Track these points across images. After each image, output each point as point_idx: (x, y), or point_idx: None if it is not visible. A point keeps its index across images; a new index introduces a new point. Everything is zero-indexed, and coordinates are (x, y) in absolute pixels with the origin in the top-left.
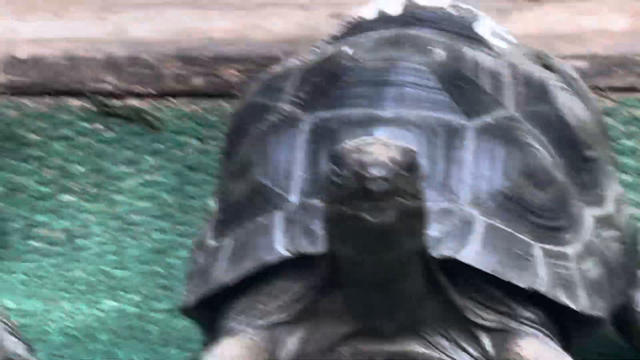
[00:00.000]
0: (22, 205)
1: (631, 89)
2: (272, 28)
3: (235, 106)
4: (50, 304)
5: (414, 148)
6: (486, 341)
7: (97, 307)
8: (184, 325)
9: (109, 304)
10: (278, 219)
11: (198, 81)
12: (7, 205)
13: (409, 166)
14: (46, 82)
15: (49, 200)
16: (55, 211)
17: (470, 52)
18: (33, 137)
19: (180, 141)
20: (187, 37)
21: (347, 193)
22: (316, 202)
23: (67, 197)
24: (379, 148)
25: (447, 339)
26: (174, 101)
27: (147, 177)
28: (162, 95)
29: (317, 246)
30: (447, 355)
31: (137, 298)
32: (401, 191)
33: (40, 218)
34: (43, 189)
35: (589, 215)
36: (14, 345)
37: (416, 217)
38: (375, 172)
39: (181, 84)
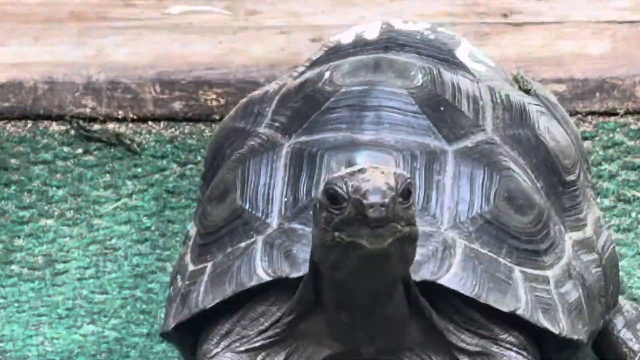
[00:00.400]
0: (1, 229)
1: (610, 113)
2: (252, 53)
3: (215, 130)
4: (30, 329)
5: (408, 174)
6: None
7: (77, 332)
8: (164, 349)
9: (88, 328)
10: (258, 243)
11: (178, 105)
12: None
13: (405, 192)
14: (26, 106)
15: (28, 225)
16: (34, 235)
17: (449, 76)
18: (13, 161)
19: (160, 165)
20: (166, 61)
21: (344, 220)
22: (297, 226)
23: (46, 222)
24: (376, 175)
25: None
26: (154, 125)
27: (127, 201)
28: (142, 119)
29: (298, 270)
30: None
31: (116, 322)
32: (397, 217)
33: (19, 242)
34: (23, 213)
35: (568, 239)
36: None
37: (409, 243)
38: (373, 199)
39: (161, 108)
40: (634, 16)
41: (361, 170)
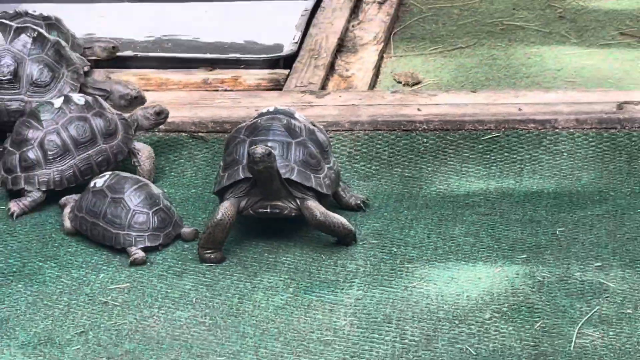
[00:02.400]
0: None
1: None
2: (238, 116)
3: (229, 135)
4: None
5: (272, 147)
6: (297, 202)
7: None
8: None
9: None
10: (240, 167)
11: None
12: None
13: (268, 152)
14: None
15: None
16: None
17: (293, 121)
18: None
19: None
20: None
21: (249, 159)
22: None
23: None
24: (260, 147)
25: (287, 201)
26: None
27: None
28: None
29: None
30: (287, 205)
31: None
32: (265, 159)
33: None
34: None
35: (326, 166)
36: None
37: (271, 166)
38: (255, 153)
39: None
40: None
41: (255, 145)
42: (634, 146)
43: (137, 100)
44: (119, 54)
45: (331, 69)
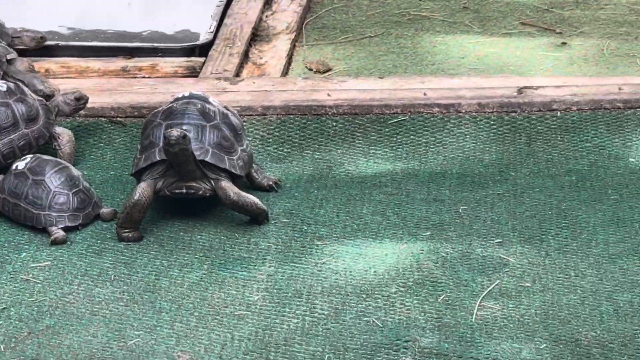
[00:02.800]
0: None
1: None
2: (155, 101)
3: (145, 119)
4: None
5: (187, 130)
6: (212, 183)
7: None
8: None
9: None
10: (156, 150)
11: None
12: None
13: (183, 135)
14: None
15: None
16: None
17: (207, 105)
18: None
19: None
20: None
21: (164, 142)
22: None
23: None
24: (175, 130)
25: (202, 182)
26: None
27: None
28: None
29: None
30: (202, 186)
31: None
32: (180, 142)
33: None
34: None
35: (239, 148)
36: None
37: (186, 149)
38: (170, 136)
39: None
40: None
41: (171, 128)
42: (533, 129)
43: (48, 98)
44: None
45: (245, 57)
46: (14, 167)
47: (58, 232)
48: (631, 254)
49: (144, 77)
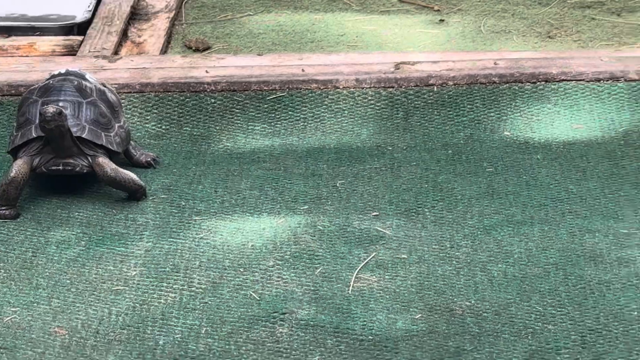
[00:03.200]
0: None
1: None
2: (32, 79)
3: (22, 96)
4: None
5: (64, 107)
6: (89, 160)
7: None
8: None
9: None
10: (33, 126)
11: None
12: None
13: (59, 111)
14: None
15: None
16: None
17: (84, 82)
18: None
19: None
20: None
21: (40, 119)
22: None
23: None
24: (51, 107)
25: (79, 159)
26: None
27: None
28: None
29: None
30: (79, 162)
31: None
32: (56, 118)
33: None
34: None
35: (116, 125)
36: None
37: (63, 125)
38: (46, 113)
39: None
40: None
41: (47, 105)
42: (410, 104)
43: None
44: None
45: (124, 36)
46: None
47: None
48: (505, 225)
49: (21, 57)
